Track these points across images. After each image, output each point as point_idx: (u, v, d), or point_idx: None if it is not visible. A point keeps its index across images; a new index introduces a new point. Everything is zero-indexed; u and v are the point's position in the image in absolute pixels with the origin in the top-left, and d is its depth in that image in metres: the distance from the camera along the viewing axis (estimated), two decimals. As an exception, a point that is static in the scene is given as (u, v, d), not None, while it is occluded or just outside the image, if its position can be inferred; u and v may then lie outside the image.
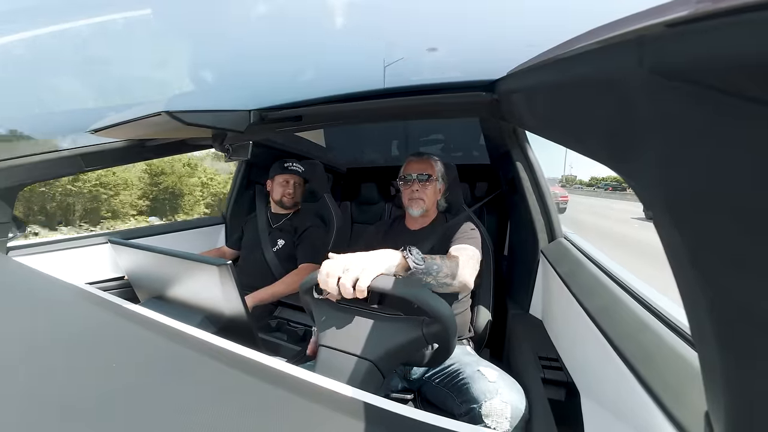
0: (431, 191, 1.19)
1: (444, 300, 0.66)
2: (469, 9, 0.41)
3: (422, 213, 1.19)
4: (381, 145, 2.41)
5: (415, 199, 1.17)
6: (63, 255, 1.37)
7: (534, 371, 0.80)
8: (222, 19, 0.46)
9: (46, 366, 0.51)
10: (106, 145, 1.21)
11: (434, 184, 1.20)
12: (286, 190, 1.61)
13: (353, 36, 0.51)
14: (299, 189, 1.65)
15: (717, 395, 0.23)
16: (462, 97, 0.76)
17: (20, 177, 1.13)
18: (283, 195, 1.62)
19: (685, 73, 0.20)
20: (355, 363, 0.65)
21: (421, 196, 1.17)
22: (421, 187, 1.17)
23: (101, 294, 0.79)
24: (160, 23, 0.46)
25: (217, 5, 0.42)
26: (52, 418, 0.40)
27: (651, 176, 0.25)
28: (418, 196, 1.17)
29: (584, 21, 0.34)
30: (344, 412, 0.41)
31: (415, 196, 1.17)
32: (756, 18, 0.15)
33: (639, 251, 6.06)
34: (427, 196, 1.17)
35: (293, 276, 1.39)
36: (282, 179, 1.62)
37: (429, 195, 1.18)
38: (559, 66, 0.40)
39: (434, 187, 1.20)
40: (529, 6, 0.40)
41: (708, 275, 0.21)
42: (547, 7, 0.39)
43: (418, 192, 1.17)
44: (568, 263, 0.93)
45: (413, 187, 1.18)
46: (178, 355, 0.54)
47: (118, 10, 0.42)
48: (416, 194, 1.17)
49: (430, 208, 1.21)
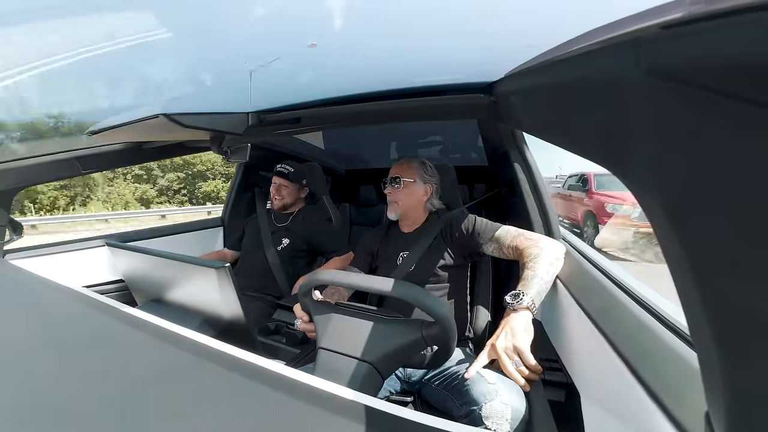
0: (403, 194, 1.19)
1: (443, 302, 0.66)
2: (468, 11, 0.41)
3: (397, 216, 1.21)
4: (379, 147, 2.42)
5: (390, 202, 1.21)
6: (60, 258, 1.36)
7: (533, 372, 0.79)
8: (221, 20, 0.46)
9: (43, 369, 0.51)
10: (103, 148, 1.21)
11: (409, 188, 1.19)
12: (274, 193, 1.62)
13: (351, 37, 0.51)
14: (286, 190, 1.61)
15: (717, 396, 0.23)
16: (460, 99, 0.76)
17: (17, 180, 1.12)
18: (273, 197, 1.62)
19: (679, 73, 0.20)
20: (355, 365, 0.64)
21: (394, 199, 1.19)
22: (394, 191, 1.19)
23: (98, 297, 0.78)
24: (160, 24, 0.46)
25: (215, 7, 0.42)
26: (49, 422, 0.40)
27: (647, 178, 0.25)
28: (391, 199, 1.20)
29: (580, 23, 0.35)
30: (343, 414, 0.41)
31: (390, 199, 1.20)
32: (749, 19, 0.15)
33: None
34: (399, 199, 1.19)
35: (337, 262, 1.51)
36: (273, 181, 1.63)
37: (401, 198, 1.19)
38: (556, 68, 0.41)
39: (410, 190, 1.19)
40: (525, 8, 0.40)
41: (706, 278, 0.21)
42: (543, 10, 0.39)
43: (391, 195, 1.20)
44: (567, 264, 0.93)
45: (387, 191, 1.21)
46: (176, 358, 0.54)
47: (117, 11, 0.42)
48: (390, 197, 1.20)
49: (409, 211, 1.21)
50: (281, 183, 1.61)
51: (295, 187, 1.63)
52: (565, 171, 9.05)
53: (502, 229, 1.04)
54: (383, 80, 0.73)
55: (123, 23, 0.44)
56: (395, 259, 1.18)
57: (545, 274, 0.85)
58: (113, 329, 0.64)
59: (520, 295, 0.80)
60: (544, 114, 0.49)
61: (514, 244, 0.98)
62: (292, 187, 1.62)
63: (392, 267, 1.17)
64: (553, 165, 14.07)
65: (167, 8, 0.42)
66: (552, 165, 13.93)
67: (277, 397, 0.44)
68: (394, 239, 1.25)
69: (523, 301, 0.78)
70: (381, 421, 0.40)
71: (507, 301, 0.80)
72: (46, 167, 1.14)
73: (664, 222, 0.23)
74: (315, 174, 1.76)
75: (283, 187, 1.61)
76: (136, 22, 0.44)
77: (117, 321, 0.66)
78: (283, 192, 1.61)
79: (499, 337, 0.74)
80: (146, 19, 0.43)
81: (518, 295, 0.80)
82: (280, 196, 1.60)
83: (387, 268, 1.19)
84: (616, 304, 0.66)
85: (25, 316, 0.69)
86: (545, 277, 0.85)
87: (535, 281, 0.83)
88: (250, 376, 0.49)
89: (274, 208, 1.64)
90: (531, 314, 0.78)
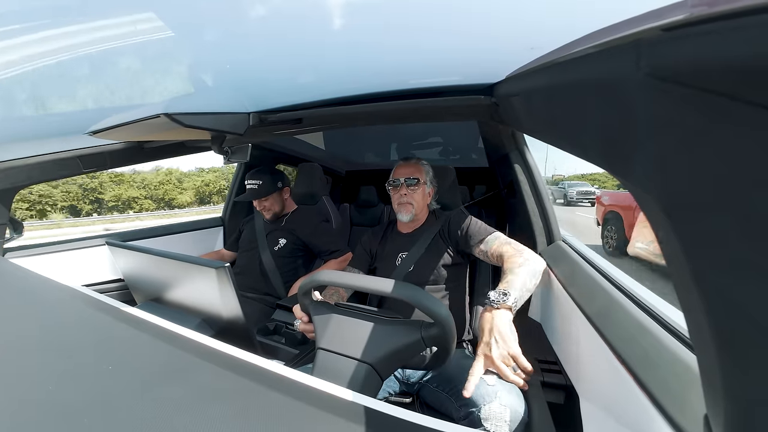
0: (419, 195, 1.19)
1: (443, 303, 0.66)
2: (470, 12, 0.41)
3: (411, 218, 1.19)
4: (380, 147, 2.42)
5: (403, 203, 1.18)
6: (60, 257, 1.36)
7: (533, 375, 0.79)
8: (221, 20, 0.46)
9: (42, 368, 0.51)
10: (104, 147, 1.21)
11: (423, 188, 1.20)
12: (259, 209, 1.59)
13: (353, 38, 0.51)
14: (267, 203, 1.56)
15: (716, 398, 0.23)
16: (461, 101, 0.76)
17: (17, 179, 1.13)
18: (261, 212, 1.60)
19: (680, 76, 0.20)
20: (354, 366, 0.64)
21: (410, 200, 1.17)
22: (409, 192, 1.17)
23: (98, 296, 0.78)
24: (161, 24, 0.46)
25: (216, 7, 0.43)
26: (48, 420, 0.40)
27: (648, 179, 0.25)
28: (406, 200, 1.17)
29: (582, 25, 0.35)
30: (342, 415, 0.41)
31: (404, 200, 1.17)
32: (751, 22, 0.15)
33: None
34: (415, 201, 1.18)
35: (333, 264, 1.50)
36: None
37: (417, 199, 1.18)
38: (557, 69, 0.41)
39: (423, 192, 1.20)
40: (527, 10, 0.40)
41: (706, 280, 0.21)
42: (544, 11, 0.39)
43: (406, 196, 1.17)
44: (567, 266, 0.93)
45: (401, 191, 1.18)
46: (175, 357, 0.54)
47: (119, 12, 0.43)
48: (404, 198, 1.17)
49: (419, 212, 1.21)
50: (258, 202, 1.57)
51: (273, 195, 1.57)
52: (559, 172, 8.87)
53: (492, 234, 1.05)
54: (384, 81, 0.74)
55: (125, 23, 0.45)
56: (394, 259, 1.18)
57: (528, 282, 0.84)
58: (112, 328, 0.63)
59: (506, 294, 0.78)
60: (545, 116, 0.49)
61: (501, 251, 0.98)
62: (271, 198, 1.57)
63: (391, 268, 1.17)
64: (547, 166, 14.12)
65: (168, 8, 0.42)
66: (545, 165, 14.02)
67: (275, 397, 0.44)
68: (393, 240, 1.25)
69: (507, 300, 0.77)
70: (380, 422, 0.40)
71: (491, 298, 0.78)
72: (47, 166, 1.14)
73: (665, 223, 0.23)
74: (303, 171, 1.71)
75: (263, 202, 1.57)
76: (138, 21, 0.44)
77: (116, 320, 0.66)
78: (265, 204, 1.57)
79: (491, 347, 0.72)
80: (148, 19, 0.43)
81: (505, 293, 0.78)
82: (266, 210, 1.58)
83: (386, 269, 1.19)
84: (615, 307, 0.66)
85: (24, 315, 0.69)
86: (527, 284, 0.84)
87: (518, 285, 0.82)
88: (248, 376, 0.49)
89: (267, 219, 1.61)
90: (511, 315, 0.77)
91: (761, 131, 0.16)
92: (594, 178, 20.17)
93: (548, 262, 1.01)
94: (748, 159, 0.17)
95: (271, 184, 1.55)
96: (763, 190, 0.16)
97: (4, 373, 0.49)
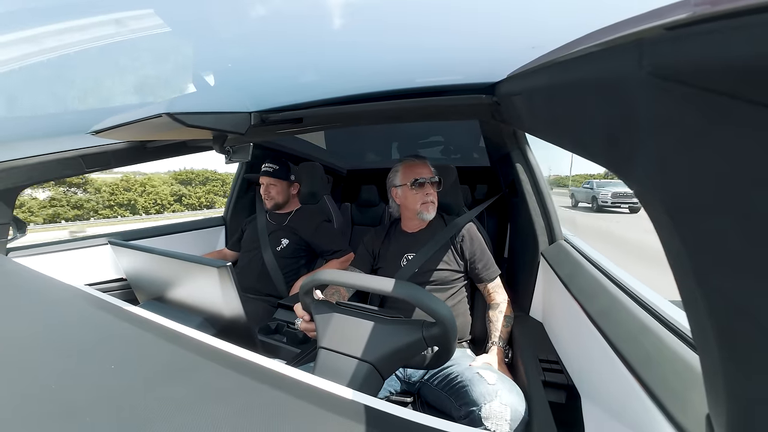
0: (438, 194, 1.20)
1: (444, 302, 0.66)
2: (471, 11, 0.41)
3: (432, 216, 1.19)
4: (381, 147, 2.42)
5: (429, 202, 1.16)
6: (63, 256, 1.37)
7: (534, 374, 0.79)
8: (223, 20, 0.46)
9: (45, 367, 0.51)
10: (107, 147, 1.21)
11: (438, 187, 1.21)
12: (263, 194, 1.62)
13: (354, 37, 0.51)
14: (274, 189, 1.61)
15: (718, 398, 0.23)
16: (462, 100, 0.76)
17: (20, 178, 1.13)
18: (264, 197, 1.62)
19: (683, 75, 0.20)
20: (355, 365, 0.64)
21: (434, 199, 1.17)
22: (433, 191, 1.17)
23: (101, 295, 0.79)
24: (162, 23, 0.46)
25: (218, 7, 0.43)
26: (50, 419, 0.40)
27: (650, 179, 0.25)
28: (431, 199, 1.16)
29: (584, 24, 0.35)
30: (343, 414, 0.41)
31: (429, 199, 1.16)
32: (754, 21, 0.15)
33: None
34: (437, 200, 1.19)
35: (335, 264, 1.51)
36: (260, 182, 1.64)
37: (437, 198, 1.19)
38: (559, 68, 0.41)
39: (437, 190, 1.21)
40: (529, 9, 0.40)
41: (709, 279, 0.21)
42: (546, 10, 0.39)
43: (432, 195, 1.16)
44: (569, 266, 0.93)
45: (427, 190, 1.16)
46: (177, 356, 0.54)
47: (120, 10, 0.43)
48: (430, 197, 1.16)
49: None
50: (268, 182, 1.61)
51: (284, 184, 1.62)
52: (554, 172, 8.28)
53: (491, 271, 1.14)
54: (386, 80, 0.73)
55: (126, 22, 0.45)
56: (399, 260, 1.17)
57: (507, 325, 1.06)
58: (115, 327, 0.64)
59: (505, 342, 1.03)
60: (546, 115, 0.49)
61: (491, 291, 1.13)
62: (280, 185, 1.61)
63: (396, 268, 1.16)
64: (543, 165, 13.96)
65: (170, 7, 0.42)
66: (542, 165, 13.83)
67: (277, 395, 0.44)
68: (397, 240, 1.24)
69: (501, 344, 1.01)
70: (380, 421, 0.40)
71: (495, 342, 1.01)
72: (49, 165, 1.15)
73: (667, 222, 0.23)
74: (304, 170, 1.75)
75: (271, 186, 1.61)
76: (139, 20, 0.44)
77: (119, 319, 0.66)
78: (272, 191, 1.60)
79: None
80: (149, 18, 0.44)
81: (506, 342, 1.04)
82: (269, 196, 1.60)
83: (390, 269, 1.18)
84: (617, 306, 0.66)
85: (27, 314, 0.69)
86: (507, 327, 1.06)
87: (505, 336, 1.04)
88: (250, 374, 0.49)
89: (267, 207, 1.64)
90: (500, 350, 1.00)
91: (762, 131, 0.16)
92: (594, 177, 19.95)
93: (550, 261, 1.01)
94: (749, 158, 0.17)
95: (286, 173, 1.62)
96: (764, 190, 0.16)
97: (7, 371, 0.50)
